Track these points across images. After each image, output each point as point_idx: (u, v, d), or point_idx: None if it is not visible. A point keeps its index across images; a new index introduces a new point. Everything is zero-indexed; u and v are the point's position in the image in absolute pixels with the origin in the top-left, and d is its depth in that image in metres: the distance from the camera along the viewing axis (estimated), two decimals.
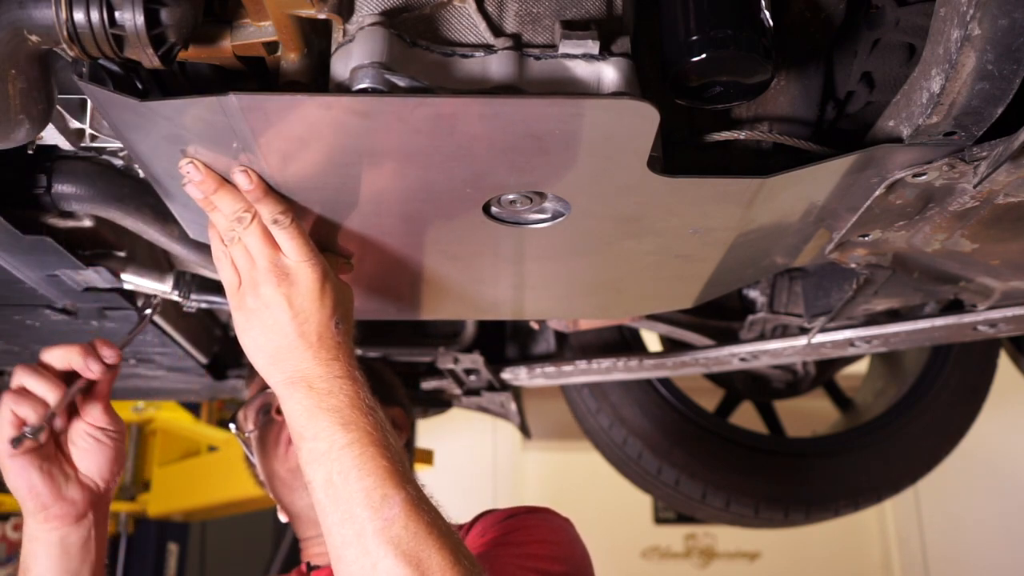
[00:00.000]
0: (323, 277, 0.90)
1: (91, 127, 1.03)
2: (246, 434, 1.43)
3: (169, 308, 1.52)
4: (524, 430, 2.21)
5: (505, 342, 2.06)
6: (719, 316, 1.86)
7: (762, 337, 1.78)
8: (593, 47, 0.80)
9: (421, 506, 0.86)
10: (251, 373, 1.49)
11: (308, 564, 1.36)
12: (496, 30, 0.81)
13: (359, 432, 0.86)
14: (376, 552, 0.82)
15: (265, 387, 1.38)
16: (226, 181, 0.86)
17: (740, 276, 1.24)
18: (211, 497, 3.61)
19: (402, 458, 0.89)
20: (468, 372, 1.94)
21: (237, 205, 0.87)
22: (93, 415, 1.03)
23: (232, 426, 1.45)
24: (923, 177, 0.91)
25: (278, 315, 0.89)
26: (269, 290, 0.88)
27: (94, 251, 1.27)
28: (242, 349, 0.93)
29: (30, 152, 1.07)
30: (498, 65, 0.80)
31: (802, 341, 1.68)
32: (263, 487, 1.47)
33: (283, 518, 1.44)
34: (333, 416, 0.87)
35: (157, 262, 1.34)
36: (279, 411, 1.35)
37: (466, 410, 2.19)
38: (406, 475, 0.87)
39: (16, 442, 0.97)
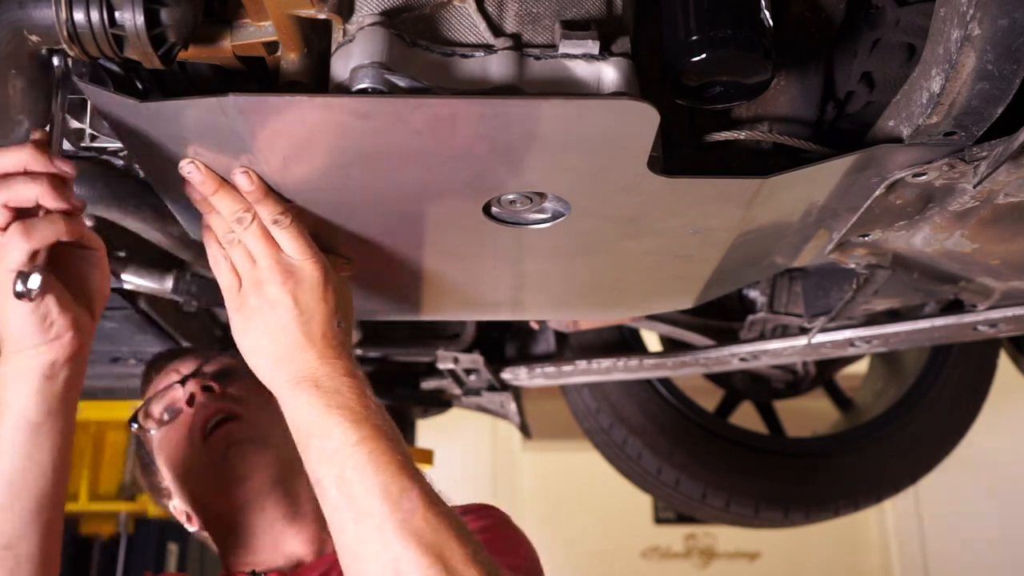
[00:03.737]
0: (325, 275, 0.90)
1: (91, 127, 1.03)
2: (149, 433, 1.29)
3: (169, 308, 1.52)
4: (524, 430, 2.22)
5: (505, 342, 2.06)
6: (719, 316, 1.86)
7: (762, 337, 1.78)
8: (593, 47, 0.80)
9: (436, 498, 0.86)
10: (149, 371, 1.38)
11: (254, 571, 1.23)
12: (496, 30, 0.81)
13: (371, 428, 0.86)
14: (397, 545, 0.81)
15: (169, 386, 1.28)
16: (226, 182, 0.86)
17: (740, 276, 1.24)
18: None
19: (409, 453, 0.88)
20: (468, 372, 1.94)
21: (237, 206, 0.86)
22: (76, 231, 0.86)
23: (135, 426, 1.30)
24: (923, 177, 0.91)
25: (282, 313, 0.88)
26: (274, 288, 0.88)
27: None
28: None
29: None
30: (498, 65, 0.80)
31: (802, 341, 1.68)
32: (159, 497, 1.33)
33: (192, 527, 1.30)
34: (344, 413, 0.86)
35: (157, 262, 1.34)
36: (190, 403, 1.24)
37: (466, 410, 2.19)
38: (417, 469, 0.87)
39: (25, 294, 0.81)
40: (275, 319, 0.88)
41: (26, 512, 0.88)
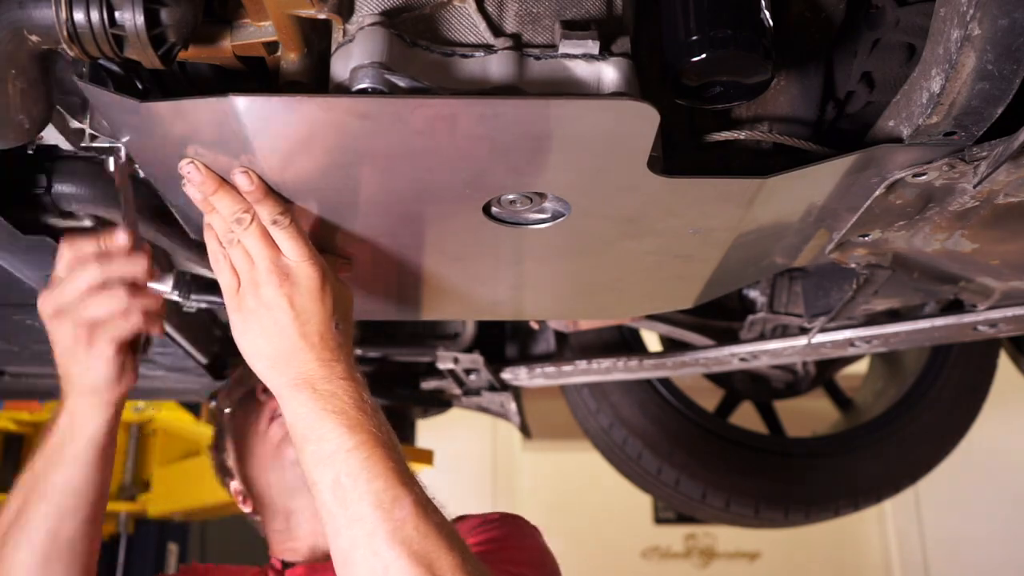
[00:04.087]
0: (323, 277, 0.90)
1: (91, 127, 1.03)
2: (224, 412, 1.44)
3: (169, 308, 1.52)
4: (524, 430, 2.22)
5: (505, 342, 2.06)
6: (719, 316, 1.86)
7: (762, 337, 1.78)
8: (593, 47, 0.80)
9: (428, 507, 0.86)
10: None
11: (283, 562, 1.34)
12: (496, 30, 0.81)
13: (366, 434, 0.86)
14: (387, 554, 0.82)
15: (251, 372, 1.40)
16: (226, 182, 0.86)
17: (740, 276, 1.24)
18: (211, 497, 3.61)
19: (404, 459, 0.89)
20: (468, 372, 1.94)
21: (236, 206, 0.86)
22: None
23: (213, 402, 1.45)
24: (923, 177, 0.91)
25: (279, 316, 0.88)
26: (270, 291, 0.88)
27: None
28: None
29: (30, 152, 1.07)
30: (498, 65, 0.80)
31: (802, 341, 1.68)
32: (223, 476, 1.47)
33: (246, 508, 1.42)
34: (339, 418, 0.87)
35: (157, 262, 1.34)
36: (265, 391, 1.35)
37: (466, 410, 2.19)
38: (411, 476, 0.88)
39: (146, 347, 1.09)
40: (272, 321, 0.89)
41: (86, 517, 1.05)
